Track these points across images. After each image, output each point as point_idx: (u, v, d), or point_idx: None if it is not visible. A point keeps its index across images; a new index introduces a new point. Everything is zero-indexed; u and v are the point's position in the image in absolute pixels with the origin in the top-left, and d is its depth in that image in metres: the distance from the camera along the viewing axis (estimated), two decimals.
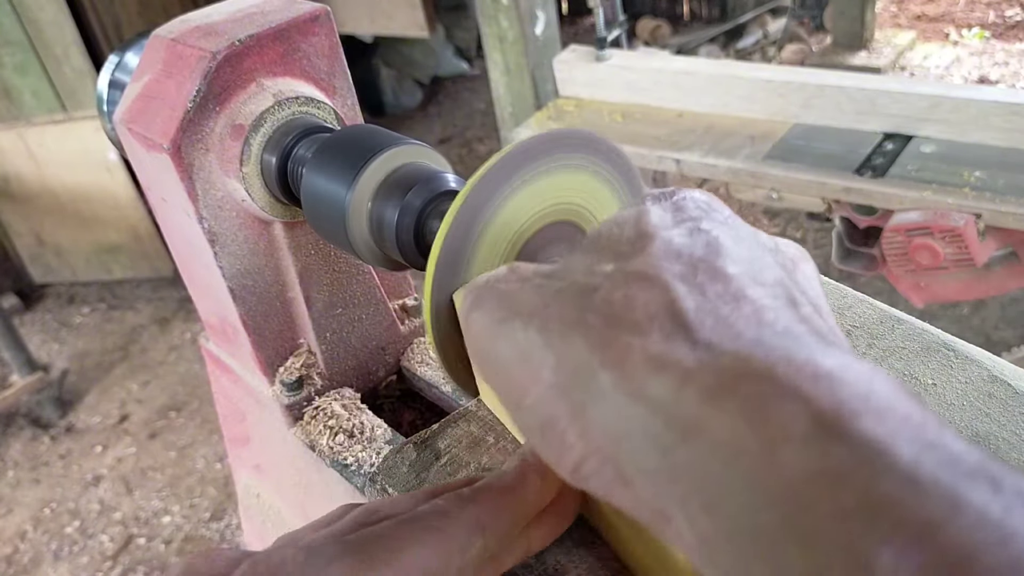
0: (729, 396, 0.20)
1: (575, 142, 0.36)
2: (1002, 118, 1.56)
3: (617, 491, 0.24)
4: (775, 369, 0.20)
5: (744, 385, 0.20)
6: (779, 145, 1.72)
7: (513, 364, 0.26)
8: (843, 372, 0.20)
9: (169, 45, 0.48)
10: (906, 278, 1.68)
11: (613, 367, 0.23)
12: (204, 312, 0.58)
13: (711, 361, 0.21)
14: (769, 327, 0.22)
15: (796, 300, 0.24)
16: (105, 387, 2.74)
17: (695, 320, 0.23)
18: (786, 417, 0.19)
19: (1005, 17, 4.02)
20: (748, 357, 0.21)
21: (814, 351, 0.21)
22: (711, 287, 0.24)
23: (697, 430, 0.21)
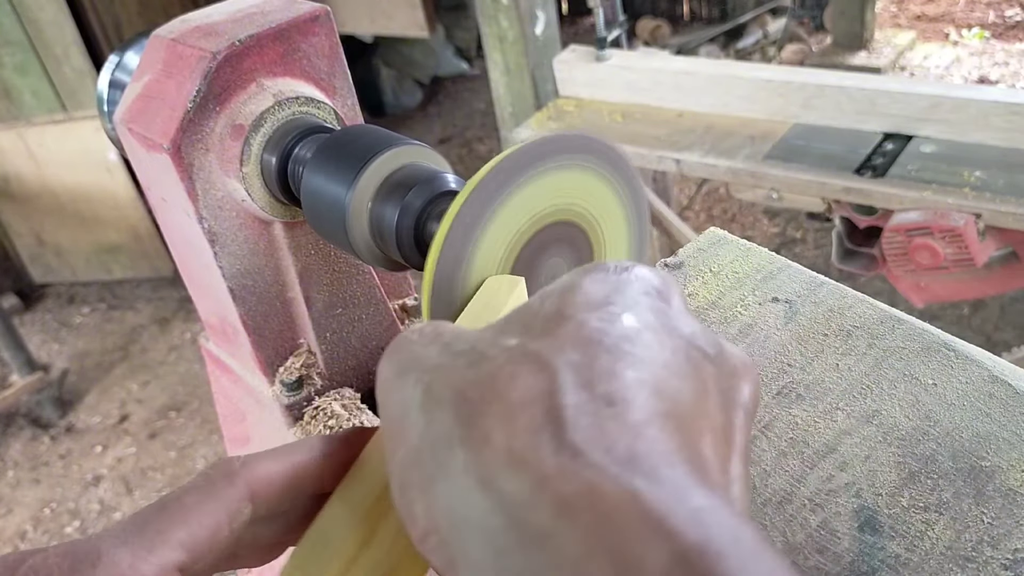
0: (586, 514, 0.19)
1: (575, 144, 0.36)
2: (1002, 118, 1.56)
3: (451, 575, 0.22)
4: (640, 496, 0.19)
5: (604, 506, 0.19)
6: (779, 145, 1.72)
7: (395, 419, 0.25)
8: (712, 513, 0.19)
9: (169, 45, 0.48)
10: (906, 278, 1.68)
11: (470, 448, 0.21)
12: (204, 312, 0.58)
13: (574, 470, 0.20)
14: (647, 446, 0.21)
15: (692, 425, 0.22)
16: (105, 387, 2.74)
17: (570, 418, 0.21)
18: (646, 550, 0.18)
19: (1005, 17, 4.02)
20: (614, 476, 0.19)
21: (686, 485, 0.20)
22: (602, 386, 0.22)
23: (541, 541, 0.19)
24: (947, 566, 0.33)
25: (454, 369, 0.24)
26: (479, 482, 0.21)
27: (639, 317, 0.24)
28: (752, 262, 0.51)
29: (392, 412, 0.25)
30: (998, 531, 0.34)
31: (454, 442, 0.22)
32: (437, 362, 0.25)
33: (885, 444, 0.38)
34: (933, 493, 0.35)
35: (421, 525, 0.23)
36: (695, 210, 2.99)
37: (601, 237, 0.39)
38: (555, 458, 0.20)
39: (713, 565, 0.18)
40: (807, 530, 0.35)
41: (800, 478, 0.37)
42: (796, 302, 0.47)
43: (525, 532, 0.20)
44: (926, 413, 0.39)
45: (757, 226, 2.88)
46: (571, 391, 0.22)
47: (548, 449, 0.20)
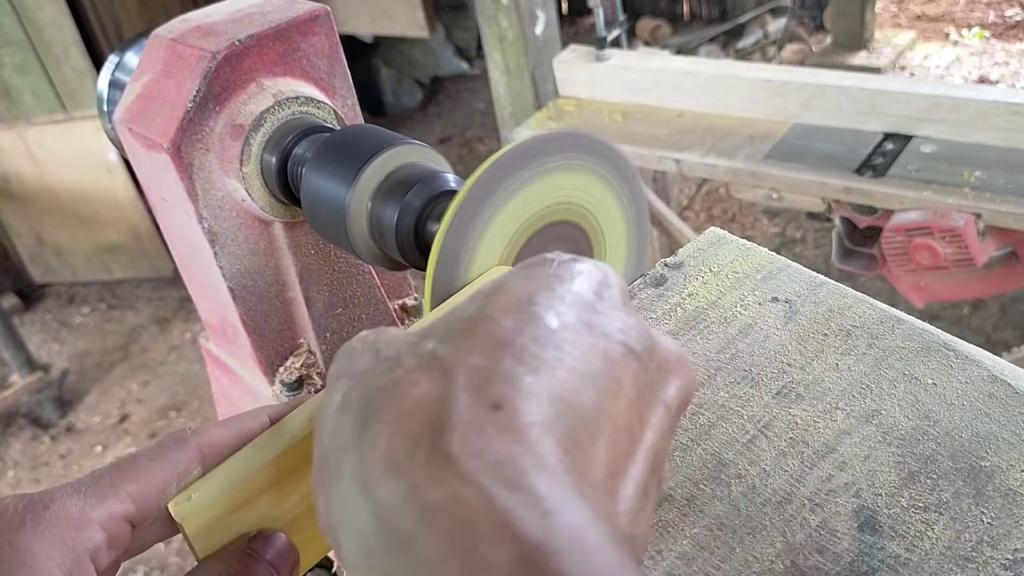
0: (444, 519, 0.20)
1: (574, 142, 0.36)
2: (1002, 118, 1.56)
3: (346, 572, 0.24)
4: (495, 502, 0.20)
5: (461, 511, 0.20)
6: (779, 145, 1.72)
7: (319, 420, 0.26)
8: (561, 514, 0.20)
9: (169, 45, 0.48)
10: (906, 278, 1.68)
11: (359, 455, 0.22)
12: (204, 312, 0.58)
13: (441, 478, 0.21)
14: (519, 451, 0.21)
15: (585, 429, 0.23)
16: (105, 387, 2.74)
17: (452, 426, 0.22)
18: (492, 550, 0.19)
19: (1005, 17, 4.02)
20: (477, 484, 0.20)
21: (548, 487, 0.20)
22: (493, 390, 0.22)
23: (404, 545, 0.20)
24: (947, 566, 0.33)
25: (372, 375, 0.25)
26: (360, 487, 0.22)
27: (560, 316, 0.25)
28: (752, 262, 0.51)
29: (323, 415, 0.26)
30: (998, 531, 0.34)
31: (350, 447, 0.23)
32: (363, 368, 0.25)
33: (885, 444, 0.38)
34: (933, 493, 0.35)
35: (323, 522, 0.24)
36: (695, 210, 2.99)
37: (601, 237, 0.39)
38: (426, 466, 0.21)
39: (549, 563, 0.19)
40: (807, 530, 0.35)
41: (799, 478, 0.37)
42: (796, 302, 0.47)
43: (392, 536, 0.21)
44: (926, 413, 0.39)
45: (757, 226, 2.88)
46: (461, 397, 0.22)
47: (422, 457, 0.21)
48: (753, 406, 0.41)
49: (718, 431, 0.39)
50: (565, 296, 0.25)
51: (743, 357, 0.43)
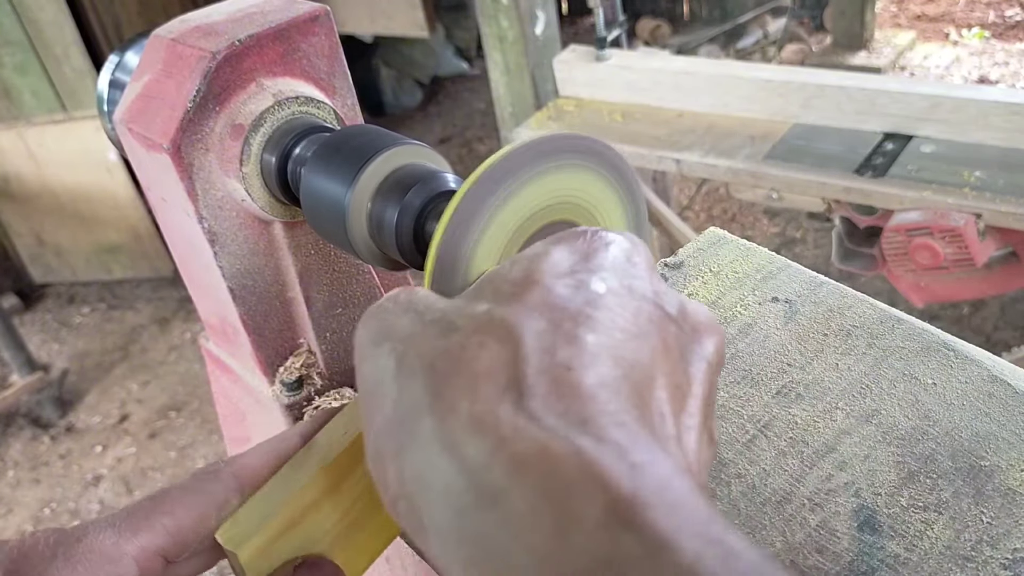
0: (534, 471, 0.20)
1: (574, 144, 0.36)
2: (1002, 118, 1.56)
3: (420, 538, 0.24)
4: (584, 453, 0.20)
5: (550, 463, 0.20)
6: (779, 145, 1.72)
7: (370, 388, 0.26)
8: (648, 465, 0.20)
9: (169, 45, 0.48)
10: (906, 278, 1.68)
11: (438, 416, 0.23)
12: (204, 312, 0.58)
13: (528, 432, 0.21)
14: (599, 407, 0.22)
15: (647, 385, 0.24)
16: (105, 387, 2.74)
17: (531, 384, 0.22)
18: (583, 502, 0.19)
19: (1005, 17, 4.02)
20: (563, 436, 0.21)
21: (630, 441, 0.21)
22: (562, 351, 0.23)
23: (495, 500, 0.21)
24: (946, 566, 0.33)
25: (426, 338, 0.25)
26: (444, 447, 0.22)
27: (604, 282, 0.26)
28: (752, 262, 0.51)
29: (368, 381, 0.26)
30: (997, 531, 0.34)
31: (423, 410, 0.23)
32: (410, 331, 0.26)
33: (884, 444, 0.38)
34: (932, 493, 0.35)
35: (392, 491, 0.24)
36: (695, 210, 2.99)
37: None
38: (513, 422, 0.21)
39: (640, 513, 0.19)
40: (806, 529, 0.35)
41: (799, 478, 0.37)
42: (796, 302, 0.47)
43: (482, 492, 0.21)
44: (925, 413, 0.39)
45: (757, 226, 2.88)
46: (534, 359, 0.23)
47: (507, 414, 0.22)
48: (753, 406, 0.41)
49: (718, 431, 0.39)
50: (604, 263, 0.26)
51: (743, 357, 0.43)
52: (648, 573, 0.18)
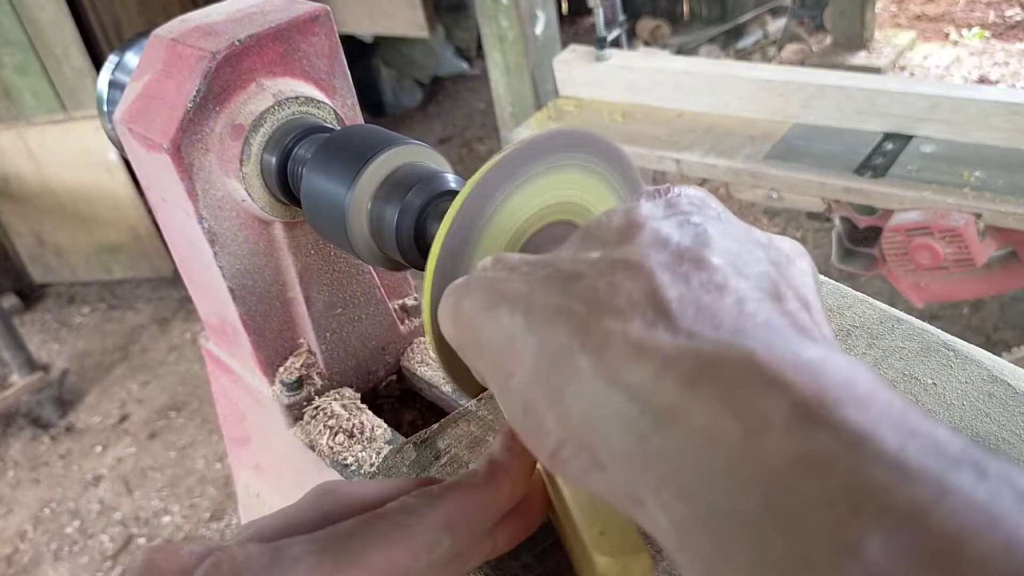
0: (708, 383, 0.21)
1: (575, 141, 0.36)
2: (1002, 118, 1.56)
3: (593, 477, 0.24)
4: (755, 356, 0.20)
5: (724, 372, 0.21)
6: (779, 145, 1.72)
7: (499, 348, 0.26)
8: (823, 363, 0.20)
9: (169, 45, 0.48)
10: (906, 278, 1.68)
11: (592, 352, 0.23)
12: (204, 312, 0.58)
13: (691, 348, 0.21)
14: (750, 318, 0.22)
15: (781, 294, 0.24)
16: (105, 387, 2.74)
17: (677, 308, 0.23)
18: (767, 404, 0.19)
19: (1005, 17, 4.01)
20: (728, 345, 0.21)
21: (794, 342, 0.21)
22: (695, 276, 0.24)
23: (674, 416, 0.21)
24: None
25: (549, 291, 0.25)
26: (607, 380, 0.22)
27: (700, 217, 0.27)
28: None
29: (494, 344, 0.26)
30: None
31: (574, 351, 0.23)
32: (526, 290, 0.26)
33: None
34: None
35: (555, 436, 0.24)
36: None
37: None
38: (673, 341, 0.22)
39: (831, 410, 0.19)
40: None
41: None
42: None
43: (658, 413, 0.21)
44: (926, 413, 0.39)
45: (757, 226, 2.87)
46: (670, 285, 0.23)
47: (665, 336, 0.22)
48: None
49: None
50: (690, 206, 0.28)
51: None
52: (848, 469, 0.18)
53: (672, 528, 0.21)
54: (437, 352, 0.35)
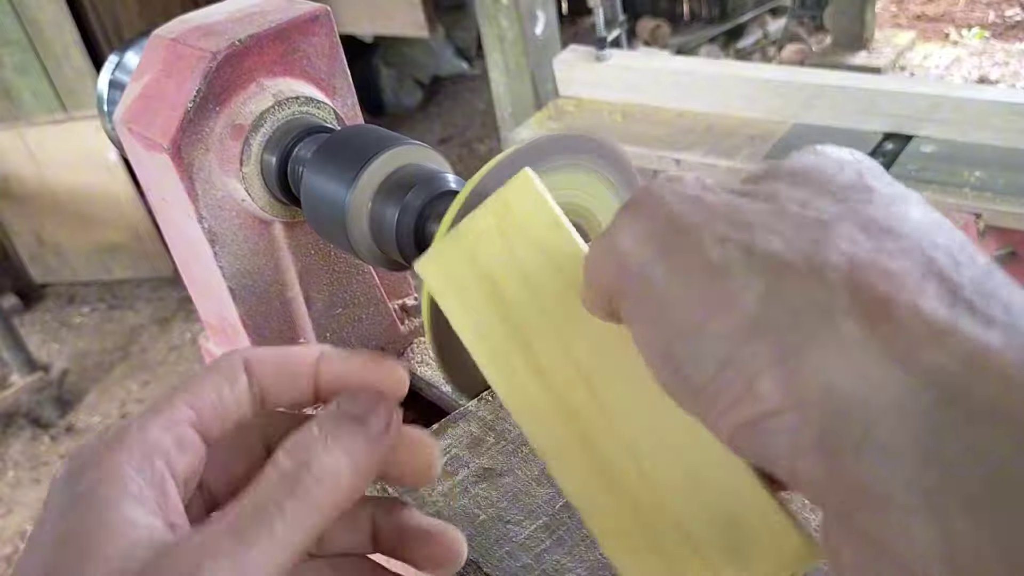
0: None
1: (577, 144, 0.36)
2: (1002, 118, 1.56)
3: (803, 459, 0.20)
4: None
5: None
6: (779, 145, 1.72)
7: (691, 285, 0.22)
8: None
9: (169, 45, 0.48)
10: None
11: (868, 319, 0.19)
12: (204, 312, 0.58)
13: (1004, 341, 0.18)
14: None
15: None
16: (105, 387, 2.74)
17: (968, 294, 0.20)
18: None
19: (1005, 17, 4.02)
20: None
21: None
22: (963, 256, 0.21)
23: (992, 418, 0.18)
24: None
25: (783, 232, 0.21)
26: (894, 358, 0.19)
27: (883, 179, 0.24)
28: None
29: (678, 280, 0.22)
30: None
31: (835, 311, 0.20)
32: (740, 219, 0.22)
33: None
34: None
35: (769, 403, 0.20)
36: None
37: None
38: (988, 332, 0.19)
39: None
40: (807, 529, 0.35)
41: None
42: None
43: (967, 408, 0.18)
44: None
45: None
46: (948, 263, 0.21)
47: (975, 326, 0.19)
48: None
49: None
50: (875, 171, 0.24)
51: None
52: None
53: (938, 543, 0.18)
54: (436, 352, 0.35)
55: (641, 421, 0.26)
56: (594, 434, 0.27)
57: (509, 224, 0.29)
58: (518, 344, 0.28)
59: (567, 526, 0.35)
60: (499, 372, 0.29)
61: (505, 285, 0.29)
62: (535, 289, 0.28)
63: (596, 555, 0.34)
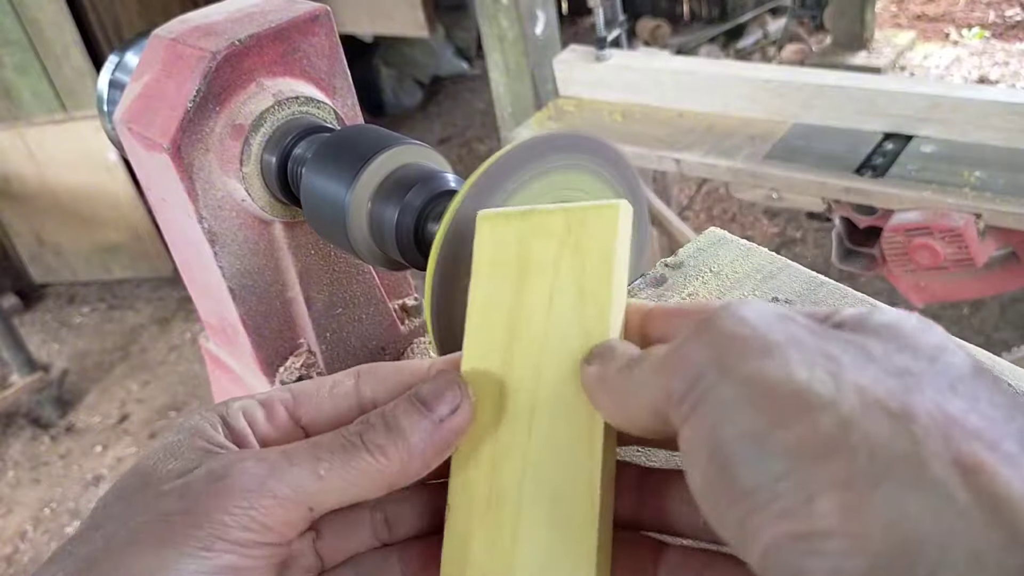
0: None
1: (575, 143, 0.36)
2: (1002, 118, 1.56)
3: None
4: None
5: None
6: (779, 145, 1.72)
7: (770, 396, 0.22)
8: None
9: (169, 45, 0.48)
10: (906, 278, 1.68)
11: (957, 467, 0.19)
12: (204, 312, 0.58)
13: None
14: None
15: None
16: (105, 387, 2.74)
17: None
18: None
19: (1005, 17, 4.01)
20: None
21: None
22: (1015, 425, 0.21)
23: None
24: None
25: (868, 373, 0.22)
26: (983, 508, 0.19)
27: None
28: (752, 262, 0.51)
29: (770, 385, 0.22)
30: None
31: (921, 453, 0.20)
32: (827, 350, 0.22)
33: None
34: None
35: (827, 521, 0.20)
36: (695, 210, 2.99)
37: None
38: None
39: None
40: None
41: None
42: (796, 302, 0.47)
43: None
44: None
45: (757, 226, 2.88)
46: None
47: None
48: None
49: None
50: None
51: None
52: None
53: None
54: (438, 352, 0.35)
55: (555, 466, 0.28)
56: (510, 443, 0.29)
57: (572, 240, 0.30)
58: (505, 337, 0.30)
59: None
60: (475, 344, 0.30)
61: (531, 286, 0.30)
62: (549, 309, 0.29)
63: None
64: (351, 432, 0.28)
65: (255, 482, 0.27)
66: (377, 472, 0.28)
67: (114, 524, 0.26)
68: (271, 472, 0.27)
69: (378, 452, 0.28)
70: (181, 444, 0.28)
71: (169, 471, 0.27)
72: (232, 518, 0.26)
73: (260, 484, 0.26)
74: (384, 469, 0.28)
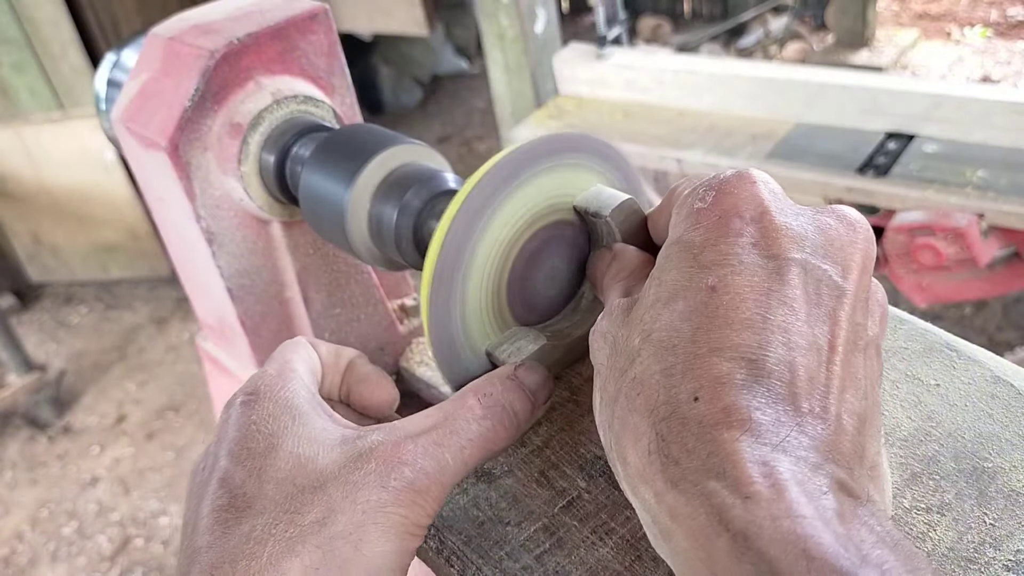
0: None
1: (576, 143, 0.35)
2: (1005, 117, 1.56)
3: None
4: (712, 496, 0.24)
5: (689, 511, 0.24)
6: (781, 144, 1.72)
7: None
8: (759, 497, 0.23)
9: (167, 44, 0.47)
10: (908, 278, 1.67)
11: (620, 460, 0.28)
12: (202, 312, 0.58)
13: (672, 492, 0.25)
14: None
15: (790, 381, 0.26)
16: (102, 387, 2.74)
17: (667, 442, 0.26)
18: (716, 540, 0.23)
19: (1007, 16, 4.01)
20: (694, 487, 0.24)
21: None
22: None
23: (669, 536, 0.25)
24: (949, 567, 0.32)
25: None
26: (641, 484, 0.27)
27: None
28: None
29: None
30: (1000, 532, 0.33)
31: None
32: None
33: (887, 445, 0.38)
34: (935, 494, 0.35)
35: None
36: None
37: None
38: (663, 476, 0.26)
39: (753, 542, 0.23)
40: None
41: None
42: None
43: (661, 528, 0.26)
44: (928, 414, 0.39)
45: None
46: (664, 411, 0.28)
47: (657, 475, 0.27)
48: None
49: None
50: None
51: None
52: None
53: None
54: (434, 352, 0.35)
55: None
56: None
57: None
58: None
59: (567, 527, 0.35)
60: None
61: None
62: None
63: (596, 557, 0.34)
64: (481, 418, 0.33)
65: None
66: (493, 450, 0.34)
67: None
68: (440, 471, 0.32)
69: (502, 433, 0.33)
70: None
71: None
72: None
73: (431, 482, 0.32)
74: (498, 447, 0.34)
